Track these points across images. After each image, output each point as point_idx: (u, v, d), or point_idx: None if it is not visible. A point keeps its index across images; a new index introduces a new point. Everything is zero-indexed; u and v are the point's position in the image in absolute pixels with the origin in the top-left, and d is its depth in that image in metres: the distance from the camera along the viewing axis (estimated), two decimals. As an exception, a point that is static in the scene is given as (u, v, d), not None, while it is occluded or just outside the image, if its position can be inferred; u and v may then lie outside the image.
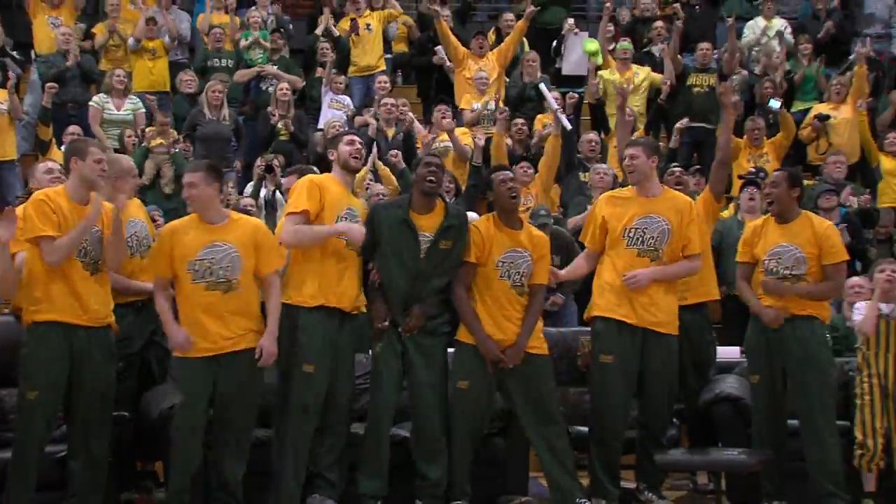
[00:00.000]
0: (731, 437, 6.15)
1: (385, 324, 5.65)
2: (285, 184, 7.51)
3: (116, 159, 5.84)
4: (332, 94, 10.50)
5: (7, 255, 5.13)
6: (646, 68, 10.67)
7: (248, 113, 10.60)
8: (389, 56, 11.66)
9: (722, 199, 6.91)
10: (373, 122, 9.53)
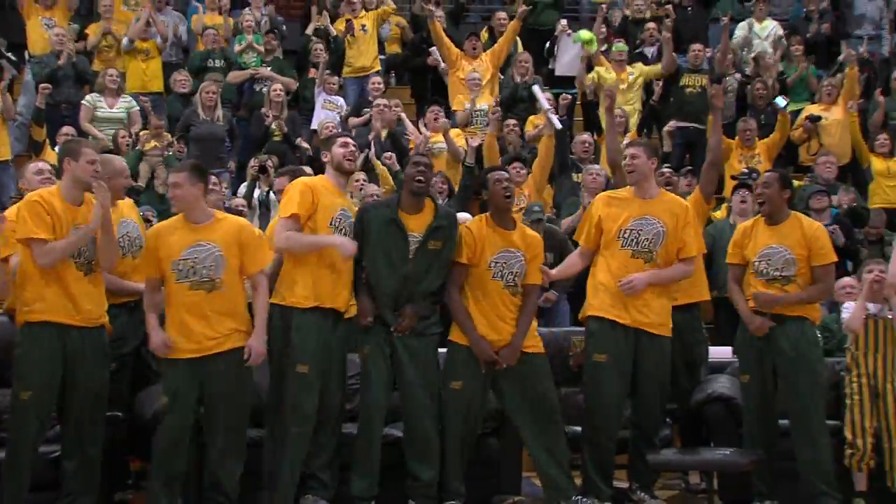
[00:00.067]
0: (723, 437, 6.17)
1: (369, 319, 5.64)
2: (277, 185, 7.52)
3: (108, 160, 5.84)
4: (326, 95, 10.51)
5: None
6: (639, 64, 10.70)
7: (242, 114, 10.61)
8: (383, 57, 11.67)
9: (712, 200, 6.93)
10: (377, 124, 9.51)
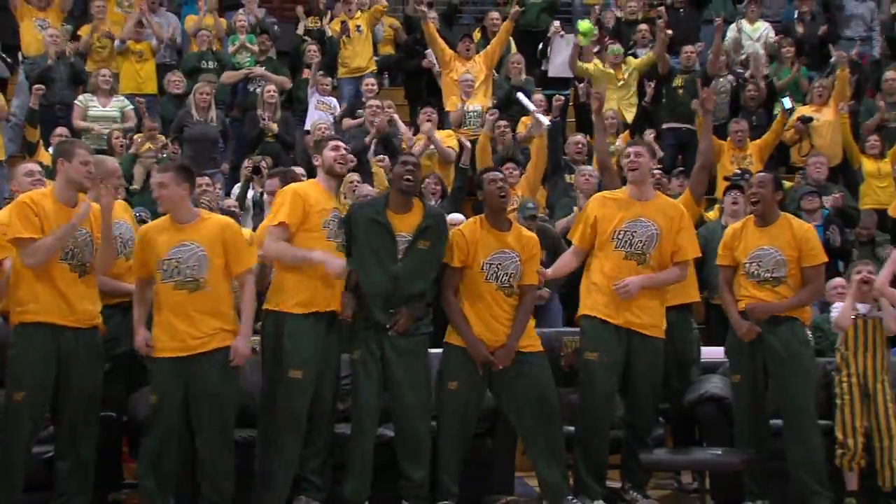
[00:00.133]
0: (715, 437, 6.19)
1: (348, 312, 5.61)
2: (268, 186, 7.51)
3: (101, 160, 5.85)
4: (319, 96, 10.51)
5: None
6: (629, 58, 10.75)
7: (236, 115, 10.61)
8: (377, 58, 11.68)
9: (702, 201, 6.95)
10: (374, 124, 9.51)
